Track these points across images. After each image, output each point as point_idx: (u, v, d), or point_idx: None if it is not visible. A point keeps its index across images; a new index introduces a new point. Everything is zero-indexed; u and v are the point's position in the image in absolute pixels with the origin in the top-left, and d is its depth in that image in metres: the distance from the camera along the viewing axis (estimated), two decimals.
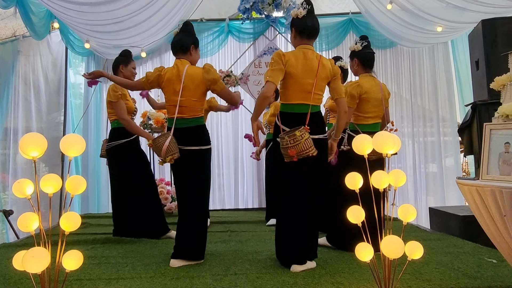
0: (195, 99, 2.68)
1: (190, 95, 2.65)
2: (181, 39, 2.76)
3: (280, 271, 2.43)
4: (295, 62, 2.47)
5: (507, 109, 1.99)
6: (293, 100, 2.52)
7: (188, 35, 2.79)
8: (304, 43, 2.56)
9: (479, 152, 2.21)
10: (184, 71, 2.64)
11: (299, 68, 2.47)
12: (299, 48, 2.56)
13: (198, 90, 2.67)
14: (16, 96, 5.71)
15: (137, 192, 3.51)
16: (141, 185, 3.54)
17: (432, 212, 4.30)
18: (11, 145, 5.61)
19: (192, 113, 2.69)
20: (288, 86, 2.52)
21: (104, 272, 2.47)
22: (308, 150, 2.32)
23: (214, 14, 6.12)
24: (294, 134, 2.32)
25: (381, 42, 5.97)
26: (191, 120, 2.69)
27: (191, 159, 2.65)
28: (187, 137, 2.65)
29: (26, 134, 1.80)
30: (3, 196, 5.51)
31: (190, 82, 2.64)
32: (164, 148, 2.52)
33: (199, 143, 2.68)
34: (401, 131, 5.77)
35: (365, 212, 1.97)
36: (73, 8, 4.70)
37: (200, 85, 2.67)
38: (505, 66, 2.30)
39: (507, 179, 1.84)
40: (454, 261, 2.61)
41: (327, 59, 2.60)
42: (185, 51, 2.75)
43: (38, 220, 1.81)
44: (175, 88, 2.65)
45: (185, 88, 2.64)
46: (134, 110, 3.66)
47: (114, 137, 3.60)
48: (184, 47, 2.74)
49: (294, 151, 2.31)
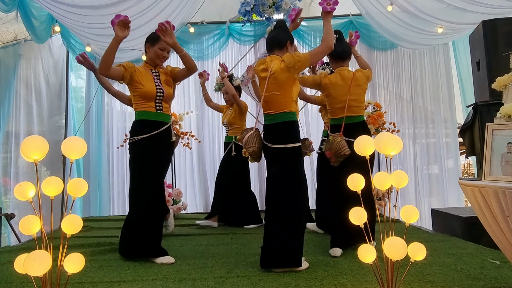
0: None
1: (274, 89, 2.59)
2: (277, 35, 2.67)
3: (282, 273, 2.42)
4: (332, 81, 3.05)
5: (509, 109, 1.99)
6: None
7: (284, 30, 2.70)
8: (339, 66, 3.08)
9: (481, 153, 2.20)
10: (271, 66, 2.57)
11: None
12: (337, 70, 3.07)
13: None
14: (17, 99, 5.73)
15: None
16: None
17: (435, 213, 4.28)
18: (13, 148, 5.63)
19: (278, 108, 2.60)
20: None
21: (105, 275, 2.47)
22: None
23: (215, 17, 6.14)
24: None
25: (381, 44, 5.98)
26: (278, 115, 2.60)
27: (277, 157, 2.59)
28: (274, 133, 2.62)
29: (27, 137, 1.79)
30: (4, 199, 5.52)
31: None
32: (243, 141, 2.65)
33: (285, 140, 2.56)
34: (402, 132, 5.77)
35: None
36: (74, 12, 4.71)
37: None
38: (506, 66, 2.30)
39: (510, 179, 1.84)
40: (457, 263, 2.60)
41: (359, 70, 3.07)
42: (281, 46, 2.65)
43: (39, 223, 1.81)
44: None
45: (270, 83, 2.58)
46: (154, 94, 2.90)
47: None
48: (280, 42, 2.65)
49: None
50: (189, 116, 5.76)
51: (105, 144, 6.02)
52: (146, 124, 2.82)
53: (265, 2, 5.52)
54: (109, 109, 6.15)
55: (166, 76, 2.97)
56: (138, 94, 2.84)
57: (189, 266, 2.64)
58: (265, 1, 5.52)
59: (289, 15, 2.92)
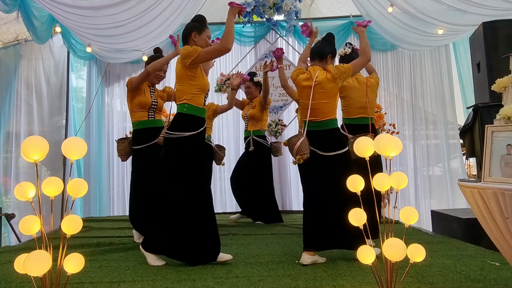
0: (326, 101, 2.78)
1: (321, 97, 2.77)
2: (321, 47, 2.91)
3: (282, 274, 2.43)
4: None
5: (508, 111, 1.99)
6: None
7: (330, 44, 2.94)
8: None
9: (481, 154, 2.20)
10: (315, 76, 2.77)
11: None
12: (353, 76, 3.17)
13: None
14: (18, 100, 5.73)
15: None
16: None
17: (434, 215, 4.28)
18: (13, 149, 5.63)
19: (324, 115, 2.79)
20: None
21: (105, 276, 2.47)
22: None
23: (215, 18, 6.14)
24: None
25: (382, 45, 5.98)
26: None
27: (325, 163, 2.71)
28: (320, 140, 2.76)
29: (28, 137, 1.80)
30: (5, 199, 5.52)
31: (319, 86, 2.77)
32: (295, 148, 2.68)
33: (338, 147, 2.75)
34: (402, 133, 5.77)
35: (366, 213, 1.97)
36: (75, 12, 4.72)
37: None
38: (506, 68, 2.30)
39: (509, 181, 1.84)
40: (457, 264, 2.60)
41: (372, 77, 3.31)
42: (322, 58, 2.87)
43: (39, 224, 1.81)
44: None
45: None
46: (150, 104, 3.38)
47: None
48: (322, 54, 2.87)
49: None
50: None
51: (105, 144, 6.02)
52: (144, 131, 3.29)
53: (265, 3, 5.53)
54: (109, 110, 6.16)
55: (161, 93, 3.52)
56: (137, 101, 3.27)
57: (189, 266, 2.64)
58: (265, 2, 5.53)
59: (302, 31, 3.11)
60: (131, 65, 6.09)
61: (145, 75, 3.20)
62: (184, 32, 2.82)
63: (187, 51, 2.64)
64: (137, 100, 3.26)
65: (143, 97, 3.27)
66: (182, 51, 2.70)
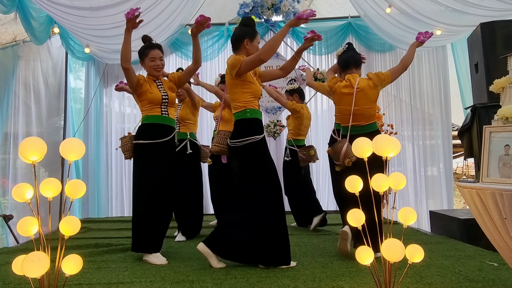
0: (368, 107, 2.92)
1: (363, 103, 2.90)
2: (354, 56, 3.07)
3: (281, 275, 2.42)
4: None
5: (506, 111, 1.99)
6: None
7: (356, 52, 3.14)
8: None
9: (479, 155, 2.21)
10: (356, 83, 2.89)
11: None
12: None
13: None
14: (16, 101, 5.72)
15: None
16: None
17: (433, 215, 4.29)
18: (11, 149, 5.62)
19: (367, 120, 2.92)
20: None
21: (103, 277, 2.46)
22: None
23: (214, 18, 6.10)
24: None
25: (380, 46, 6.00)
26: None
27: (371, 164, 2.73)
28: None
29: (26, 138, 1.79)
30: (3, 201, 5.51)
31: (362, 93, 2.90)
32: (342, 153, 2.77)
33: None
34: (400, 134, 5.78)
35: (365, 215, 1.97)
36: (73, 13, 4.72)
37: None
38: (504, 68, 2.30)
39: (507, 181, 1.84)
40: (455, 265, 2.60)
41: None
42: (358, 66, 3.08)
43: (37, 225, 1.80)
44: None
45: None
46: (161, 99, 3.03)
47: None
48: (358, 62, 3.08)
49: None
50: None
51: (103, 145, 6.02)
52: (153, 127, 2.95)
53: (264, 4, 5.54)
54: (107, 110, 6.16)
55: (168, 83, 3.12)
56: (146, 99, 2.95)
57: (187, 268, 2.64)
58: (264, 3, 5.54)
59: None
60: None
61: (125, 72, 2.92)
62: (235, 37, 2.76)
63: (232, 62, 2.60)
64: (145, 98, 2.95)
65: (149, 93, 2.94)
66: (228, 62, 2.66)
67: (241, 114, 2.67)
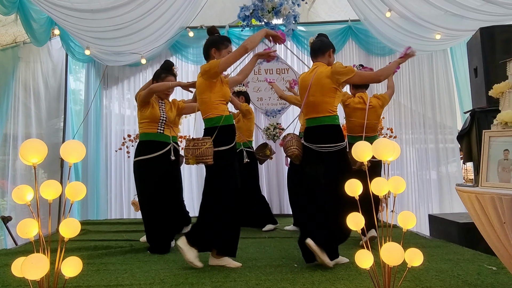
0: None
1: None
2: (321, 41, 3.19)
3: (280, 278, 2.43)
4: None
5: (506, 116, 2.00)
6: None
7: (322, 39, 3.23)
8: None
9: (478, 159, 2.21)
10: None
11: None
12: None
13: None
14: (16, 102, 5.72)
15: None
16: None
17: (432, 219, 4.29)
18: (11, 151, 5.61)
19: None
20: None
21: (103, 279, 2.46)
22: None
23: (214, 21, 6.15)
24: None
25: (380, 50, 6.01)
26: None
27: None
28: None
29: (26, 140, 1.80)
30: (1, 202, 5.50)
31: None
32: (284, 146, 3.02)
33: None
34: (400, 138, 5.79)
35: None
36: (74, 15, 4.72)
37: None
38: (503, 73, 2.31)
39: (506, 186, 1.85)
40: (454, 268, 2.60)
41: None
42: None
43: (37, 227, 1.81)
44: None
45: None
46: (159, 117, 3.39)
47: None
48: (324, 49, 3.18)
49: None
50: (187, 120, 5.75)
51: (103, 147, 6.01)
52: (149, 144, 3.30)
53: (264, 7, 5.56)
54: (107, 112, 6.16)
55: (170, 106, 3.50)
56: (147, 116, 3.30)
57: (187, 270, 2.64)
58: (264, 6, 5.56)
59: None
60: (130, 68, 6.10)
61: (149, 93, 3.23)
62: (203, 48, 3.22)
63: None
64: (147, 113, 3.29)
65: (152, 110, 3.30)
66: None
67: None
